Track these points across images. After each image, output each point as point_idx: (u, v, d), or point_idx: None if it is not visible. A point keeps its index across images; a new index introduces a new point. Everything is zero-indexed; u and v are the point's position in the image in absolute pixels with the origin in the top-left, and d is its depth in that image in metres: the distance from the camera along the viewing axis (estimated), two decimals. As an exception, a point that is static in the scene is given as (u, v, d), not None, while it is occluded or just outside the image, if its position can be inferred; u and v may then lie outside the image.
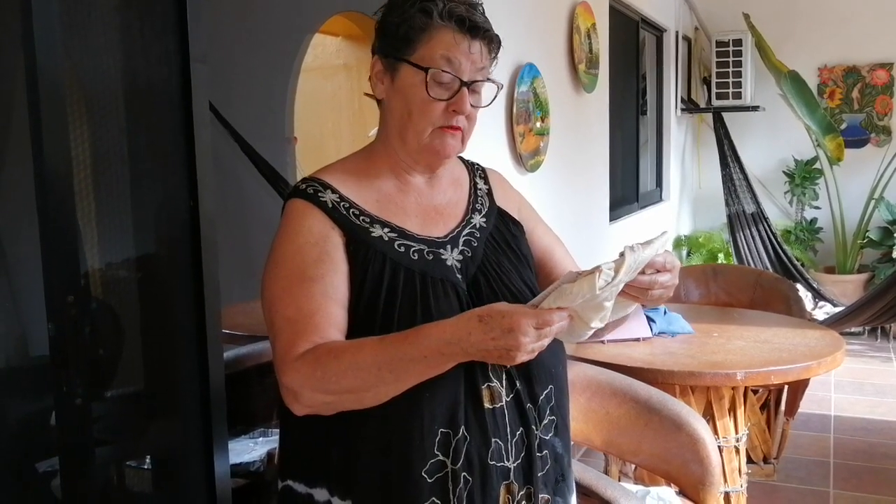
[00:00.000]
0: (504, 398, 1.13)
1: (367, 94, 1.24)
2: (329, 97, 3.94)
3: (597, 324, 1.03)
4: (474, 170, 1.35)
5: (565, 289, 0.97)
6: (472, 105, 1.17)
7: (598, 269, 0.97)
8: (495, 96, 1.21)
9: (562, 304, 0.98)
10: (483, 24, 1.16)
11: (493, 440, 1.11)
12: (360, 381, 1.03)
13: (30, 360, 1.16)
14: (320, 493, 1.14)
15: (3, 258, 1.13)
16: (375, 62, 1.20)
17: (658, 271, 1.07)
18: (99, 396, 1.18)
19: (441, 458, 1.09)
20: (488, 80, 1.19)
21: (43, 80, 1.03)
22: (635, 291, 1.07)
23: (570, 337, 1.06)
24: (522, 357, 0.99)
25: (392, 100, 1.19)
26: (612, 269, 0.97)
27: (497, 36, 1.19)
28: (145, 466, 1.32)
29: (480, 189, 1.31)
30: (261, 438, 1.81)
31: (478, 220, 1.26)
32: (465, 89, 1.15)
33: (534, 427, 1.15)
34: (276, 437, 1.35)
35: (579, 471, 1.66)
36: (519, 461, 1.14)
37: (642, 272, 1.05)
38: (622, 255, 0.99)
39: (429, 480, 1.08)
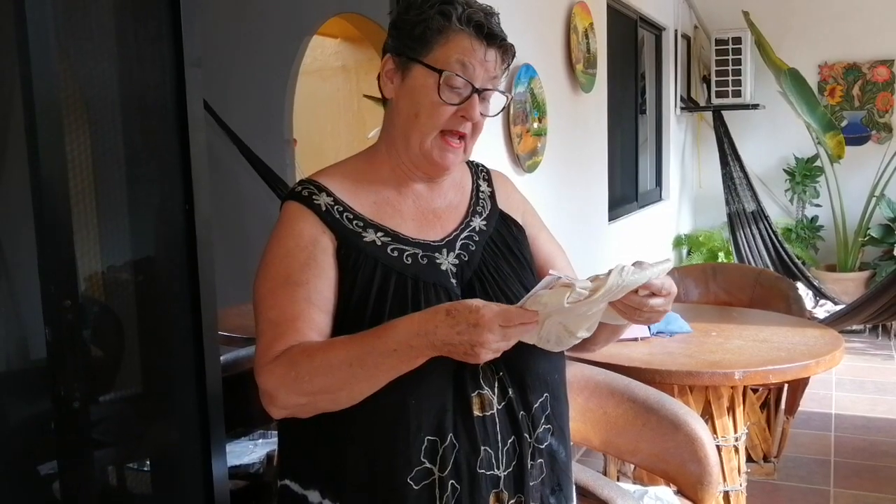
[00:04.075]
0: (495, 406, 1.12)
1: (366, 96, 1.25)
2: (328, 99, 3.94)
3: (583, 333, 1.03)
4: (478, 171, 1.33)
5: (540, 295, 0.97)
6: (480, 113, 1.16)
7: (572, 284, 0.95)
8: (503, 107, 1.19)
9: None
10: (500, 32, 1.16)
11: (482, 448, 1.10)
12: (333, 380, 1.03)
13: (30, 363, 1.16)
14: (313, 496, 1.15)
15: (3, 261, 1.14)
16: (387, 60, 1.18)
17: (653, 294, 1.04)
18: (97, 399, 1.19)
19: (427, 465, 1.08)
20: (498, 90, 1.18)
21: (38, 85, 1.04)
22: (624, 307, 1.05)
23: (556, 346, 1.05)
24: (487, 355, 0.98)
25: (400, 100, 1.17)
26: (588, 288, 0.95)
27: (512, 46, 1.18)
28: (144, 468, 1.33)
29: (483, 191, 1.29)
30: (260, 440, 1.82)
31: (478, 222, 1.24)
32: (475, 96, 1.14)
33: (527, 435, 1.14)
34: (276, 440, 1.36)
35: (576, 471, 1.66)
36: (510, 469, 1.12)
37: (635, 292, 1.02)
38: (609, 272, 0.97)
39: (415, 487, 1.08)
